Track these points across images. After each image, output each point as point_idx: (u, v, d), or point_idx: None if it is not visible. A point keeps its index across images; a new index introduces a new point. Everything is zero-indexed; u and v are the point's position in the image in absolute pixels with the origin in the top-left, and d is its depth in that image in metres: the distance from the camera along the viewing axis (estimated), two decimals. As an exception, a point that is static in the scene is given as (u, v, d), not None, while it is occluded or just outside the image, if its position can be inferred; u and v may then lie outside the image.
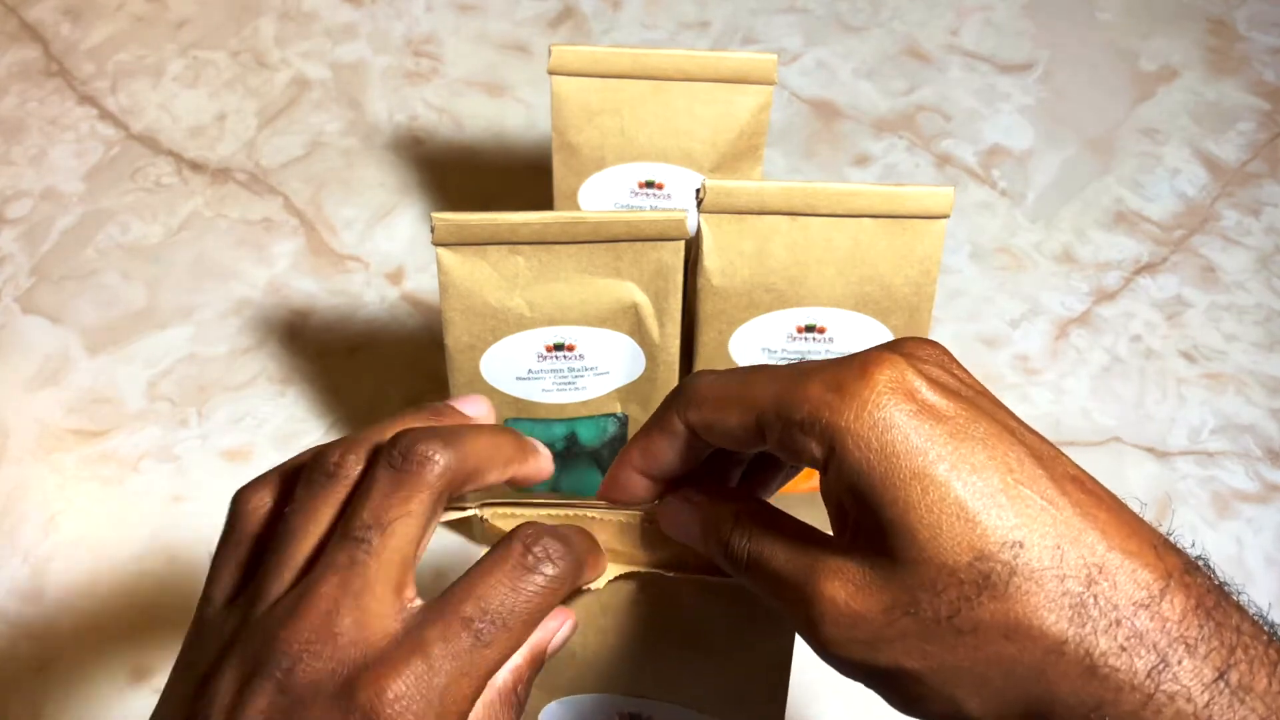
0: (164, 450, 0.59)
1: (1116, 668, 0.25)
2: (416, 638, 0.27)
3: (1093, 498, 0.27)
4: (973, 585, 0.26)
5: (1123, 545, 0.26)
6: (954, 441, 0.26)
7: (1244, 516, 0.58)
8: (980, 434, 0.27)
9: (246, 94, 0.75)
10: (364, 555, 0.27)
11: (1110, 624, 0.25)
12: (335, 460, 0.29)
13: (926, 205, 0.45)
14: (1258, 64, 0.79)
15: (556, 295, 0.46)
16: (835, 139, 0.74)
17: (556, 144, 0.55)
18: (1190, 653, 0.25)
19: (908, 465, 0.26)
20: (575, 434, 0.50)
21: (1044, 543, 0.26)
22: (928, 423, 0.27)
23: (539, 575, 0.28)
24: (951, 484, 0.26)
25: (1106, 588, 0.25)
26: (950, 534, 0.26)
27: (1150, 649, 0.25)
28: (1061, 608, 0.25)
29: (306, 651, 0.26)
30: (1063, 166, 0.73)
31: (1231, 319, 0.66)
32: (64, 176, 0.71)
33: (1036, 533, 0.26)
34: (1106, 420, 0.62)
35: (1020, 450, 0.27)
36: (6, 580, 0.55)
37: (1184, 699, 0.25)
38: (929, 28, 0.80)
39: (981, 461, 0.26)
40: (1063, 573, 0.25)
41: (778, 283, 0.46)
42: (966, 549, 0.26)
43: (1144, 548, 0.26)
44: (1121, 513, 0.27)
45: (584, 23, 0.79)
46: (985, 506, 0.26)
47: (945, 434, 0.27)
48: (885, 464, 0.27)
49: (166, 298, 0.65)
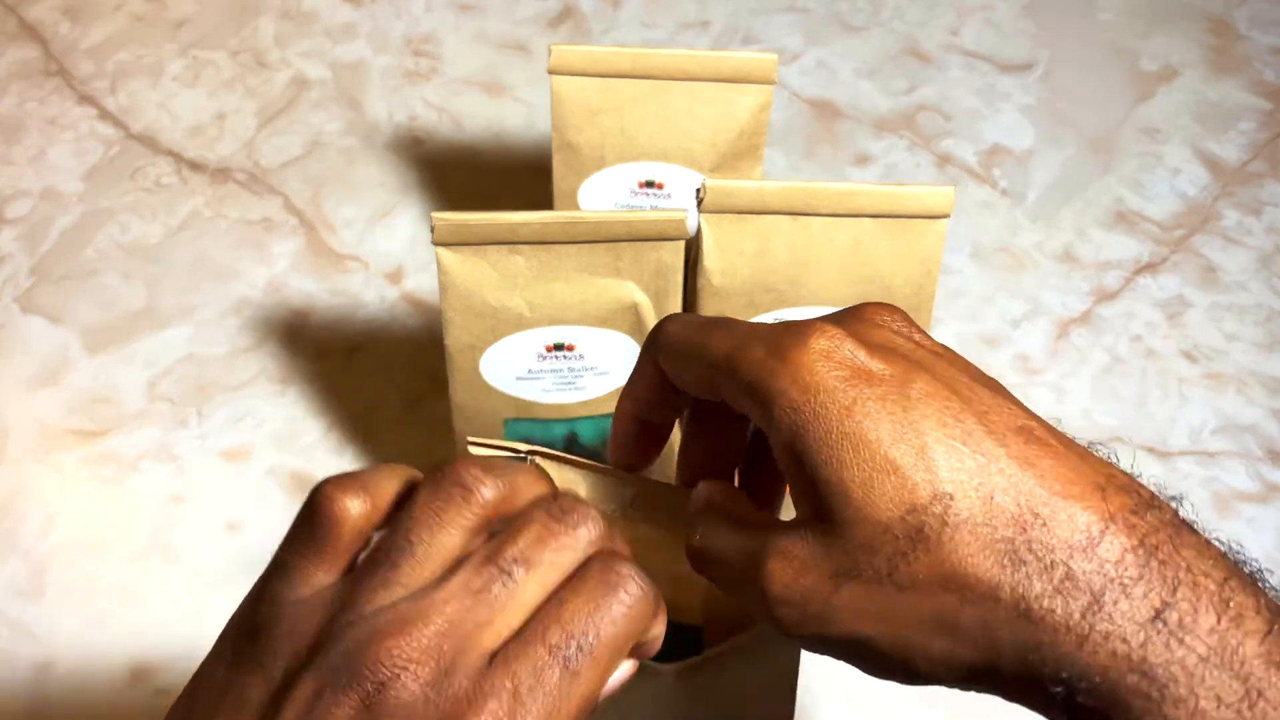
0: (164, 450, 0.59)
1: (1052, 609, 0.25)
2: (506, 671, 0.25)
3: (1039, 445, 0.27)
4: (907, 540, 0.26)
5: (1063, 490, 0.26)
6: (887, 401, 0.27)
7: (1244, 516, 0.58)
8: (916, 392, 0.27)
9: (246, 94, 0.75)
10: (501, 588, 0.25)
11: (1045, 568, 0.25)
12: (474, 478, 0.27)
13: (927, 205, 0.45)
14: (1258, 64, 0.79)
15: (556, 295, 0.46)
16: (835, 139, 0.74)
17: (556, 144, 0.55)
18: (1126, 593, 0.25)
19: (839, 427, 0.27)
20: (575, 434, 0.50)
21: (976, 493, 0.26)
22: (860, 385, 0.27)
23: (625, 595, 0.26)
24: (881, 441, 0.26)
25: (1042, 533, 0.26)
26: (882, 491, 0.26)
27: (1084, 590, 0.25)
28: (995, 555, 0.26)
29: (406, 671, 0.24)
30: (1063, 166, 0.73)
31: (1232, 319, 0.66)
32: (64, 176, 0.71)
33: (968, 484, 0.26)
34: (1107, 420, 0.62)
35: (957, 405, 0.27)
36: (6, 580, 0.55)
37: (1119, 639, 0.25)
38: (929, 28, 0.80)
39: (913, 419, 0.27)
40: (994, 521, 0.26)
41: (778, 283, 0.46)
42: (898, 504, 0.26)
43: (1088, 490, 0.26)
44: (1068, 458, 0.27)
45: (584, 22, 0.79)
46: (915, 462, 0.26)
47: (878, 395, 0.27)
48: (818, 426, 0.27)
49: (166, 298, 0.65)
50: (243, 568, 0.55)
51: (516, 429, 0.49)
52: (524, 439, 0.50)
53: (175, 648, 0.53)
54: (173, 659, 0.53)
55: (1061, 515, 0.26)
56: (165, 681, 0.52)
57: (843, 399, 0.27)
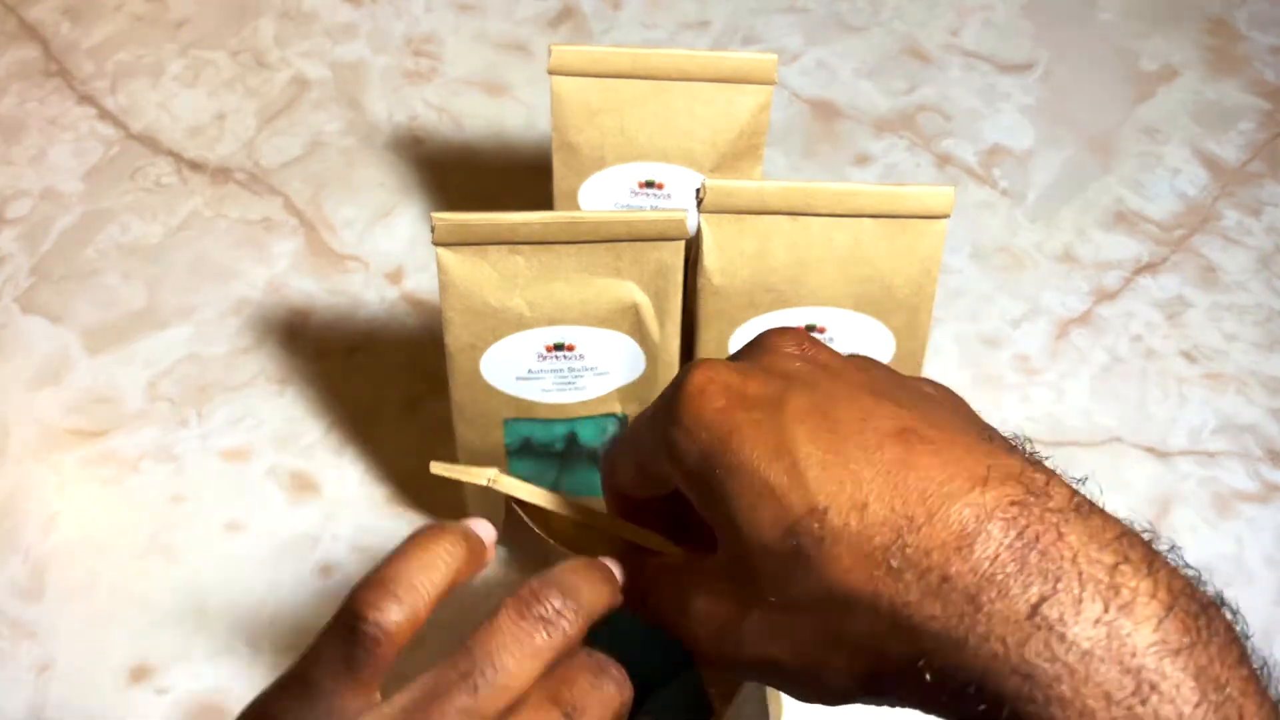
0: (164, 450, 0.59)
1: (931, 615, 0.24)
2: None
3: (920, 444, 0.26)
4: (790, 560, 0.26)
5: (939, 489, 0.25)
6: (761, 425, 0.27)
7: (1244, 516, 0.58)
8: (790, 410, 0.27)
9: (246, 94, 0.75)
10: None
11: (920, 573, 0.24)
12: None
13: (927, 205, 0.45)
14: (1258, 64, 0.79)
15: (556, 295, 0.46)
16: (835, 139, 0.74)
17: (556, 144, 0.55)
18: (1002, 591, 0.24)
19: (721, 460, 0.27)
20: (575, 434, 0.50)
21: (849, 503, 0.25)
22: (736, 412, 0.27)
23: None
24: (758, 466, 0.26)
25: (916, 537, 0.25)
26: (762, 515, 0.26)
27: (959, 592, 0.24)
28: (871, 565, 0.25)
29: None
30: (1063, 166, 0.73)
31: (1232, 319, 0.66)
32: (64, 176, 0.71)
33: (840, 495, 0.25)
34: (1107, 420, 0.62)
35: (831, 416, 0.27)
36: (6, 580, 0.55)
37: (997, 639, 0.23)
38: (929, 28, 0.80)
39: (786, 438, 0.26)
40: (869, 530, 0.25)
41: (778, 283, 0.46)
42: (778, 525, 0.26)
43: (965, 485, 0.25)
44: (950, 451, 0.26)
45: (584, 23, 0.79)
46: (788, 481, 0.26)
47: (753, 420, 0.27)
48: (704, 464, 0.27)
49: (166, 298, 0.65)
50: (243, 568, 0.55)
51: (517, 429, 0.49)
52: (524, 439, 0.50)
53: (175, 648, 0.53)
54: (173, 659, 0.53)
55: (937, 516, 0.25)
56: (165, 681, 0.52)
57: (720, 430, 0.27)
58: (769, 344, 0.30)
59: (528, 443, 0.50)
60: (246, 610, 0.54)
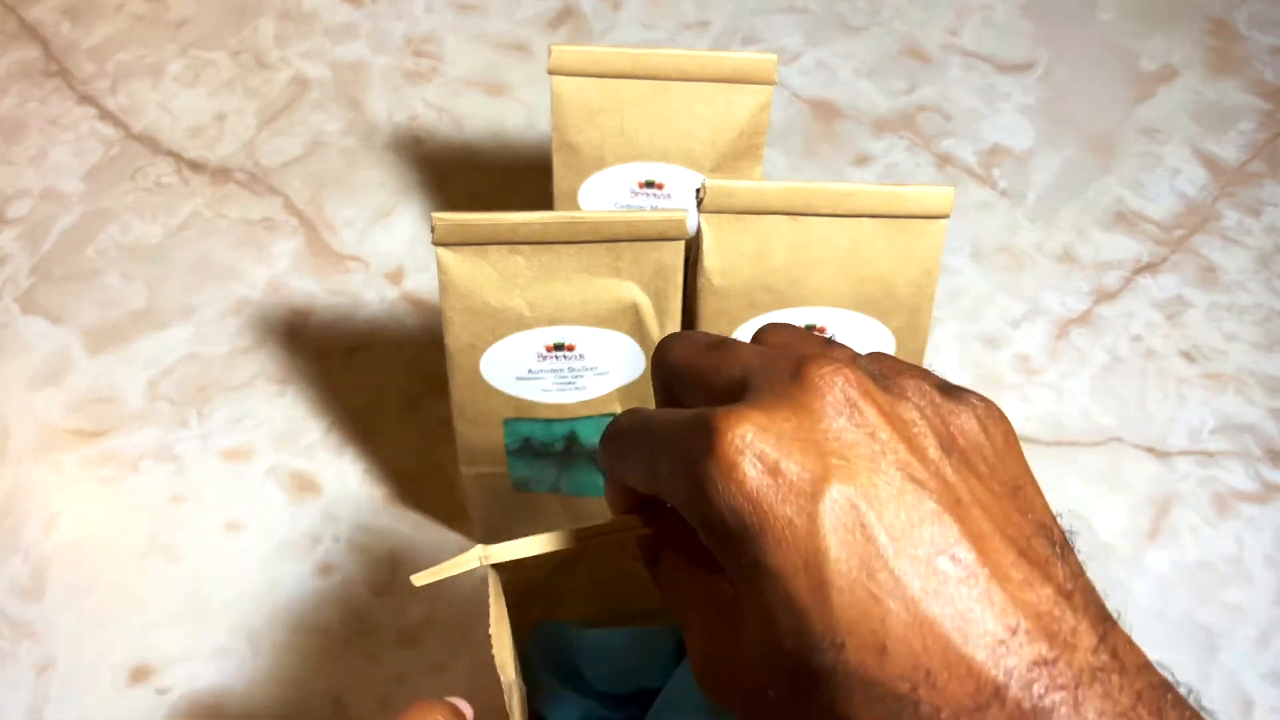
0: (164, 450, 0.59)
1: None
2: None
3: (958, 578, 0.24)
4: (801, 682, 0.25)
5: (962, 643, 0.24)
6: (795, 529, 0.25)
7: (1244, 516, 0.58)
8: (828, 511, 0.25)
9: (246, 94, 0.75)
10: None
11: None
12: None
13: (927, 205, 0.45)
14: (1258, 64, 0.79)
15: (556, 295, 0.46)
16: (835, 139, 0.74)
17: (556, 144, 0.55)
18: None
19: (748, 550, 0.25)
20: (575, 434, 0.50)
21: (868, 643, 0.24)
22: (768, 501, 0.25)
23: None
24: (783, 574, 0.25)
25: (930, 693, 0.24)
26: (782, 623, 0.25)
27: None
28: (881, 711, 0.24)
29: None
30: (1063, 166, 0.73)
31: (1231, 319, 0.66)
32: (64, 176, 0.71)
33: (863, 629, 0.24)
34: (1107, 420, 0.62)
35: (872, 525, 0.25)
36: (6, 580, 0.55)
37: None
38: (929, 28, 0.80)
39: (819, 551, 0.24)
40: (885, 674, 0.24)
41: (778, 283, 0.46)
42: (794, 639, 0.25)
43: (993, 639, 0.24)
44: (985, 595, 0.24)
45: (584, 23, 0.79)
46: (812, 601, 0.24)
47: (784, 517, 0.25)
48: (730, 546, 0.26)
49: (166, 298, 0.65)
50: (243, 568, 0.55)
51: (517, 429, 0.50)
52: (524, 439, 0.50)
53: (175, 648, 0.53)
54: (173, 659, 0.53)
55: (954, 673, 0.23)
56: (165, 681, 0.52)
57: (750, 519, 0.25)
58: (808, 378, 0.26)
59: (528, 443, 0.50)
60: (246, 610, 0.54)
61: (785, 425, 0.26)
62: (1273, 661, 0.54)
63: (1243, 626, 0.55)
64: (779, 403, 0.26)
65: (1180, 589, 0.56)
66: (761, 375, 0.27)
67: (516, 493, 0.53)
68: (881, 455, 0.26)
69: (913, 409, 0.27)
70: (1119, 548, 0.57)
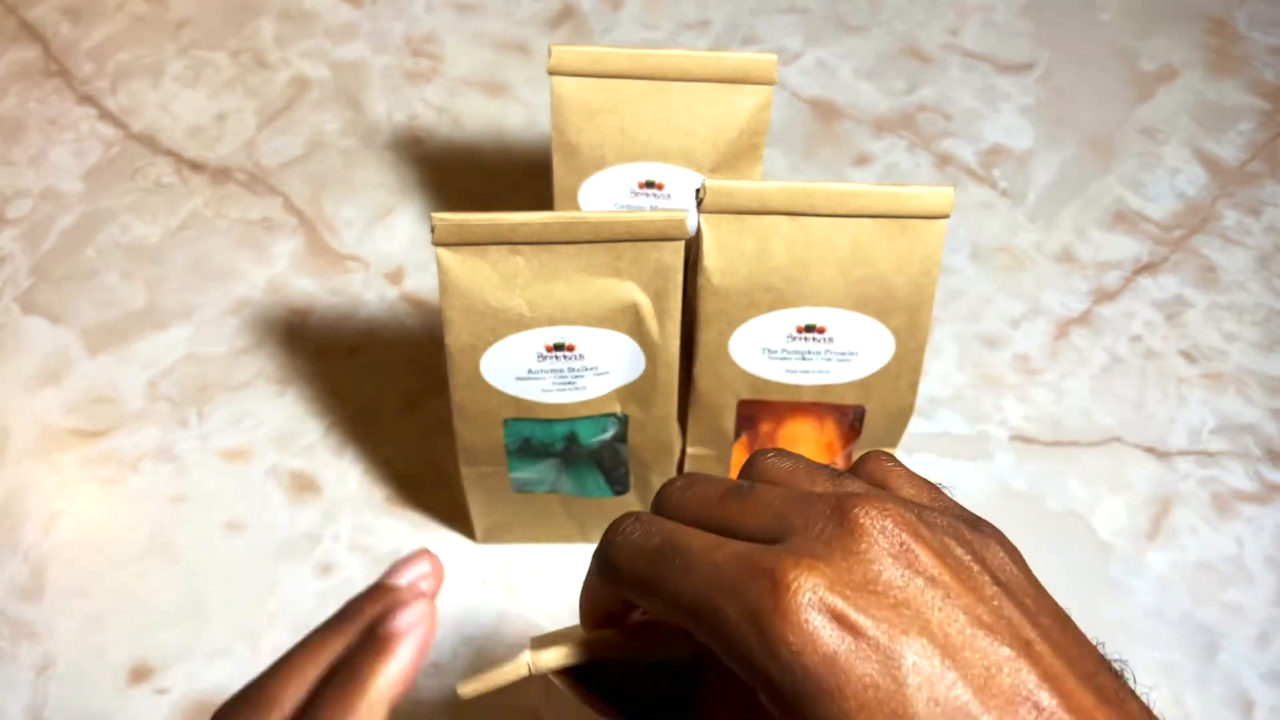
0: (164, 450, 0.59)
1: None
2: None
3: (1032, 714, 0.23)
4: None
5: None
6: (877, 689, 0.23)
7: (1244, 516, 0.58)
8: (910, 671, 0.24)
9: (246, 94, 0.75)
10: None
11: None
12: None
13: (927, 205, 0.45)
14: (1258, 64, 0.79)
15: (556, 295, 0.46)
16: (835, 139, 0.74)
17: (556, 144, 0.55)
18: None
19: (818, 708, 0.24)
20: (575, 434, 0.50)
21: None
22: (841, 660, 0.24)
23: None
24: None
25: None
26: None
27: None
28: None
29: None
30: (1063, 166, 0.73)
31: (1231, 319, 0.66)
32: (64, 176, 0.71)
33: None
34: (1107, 420, 0.62)
35: (952, 680, 0.24)
36: (6, 580, 0.55)
37: None
38: (929, 28, 0.80)
39: (905, 709, 0.23)
40: None
41: (778, 283, 0.46)
42: None
43: None
44: None
45: (584, 23, 0.79)
46: None
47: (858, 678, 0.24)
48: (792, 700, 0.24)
49: (166, 298, 0.65)
50: (243, 568, 0.55)
51: (517, 429, 0.50)
52: (524, 439, 0.50)
53: (175, 648, 0.53)
54: (173, 659, 0.53)
55: None
56: (165, 681, 0.52)
57: (828, 682, 0.24)
58: (855, 522, 0.25)
59: (528, 443, 0.50)
60: (246, 610, 0.54)
61: (849, 576, 0.24)
62: (1273, 661, 0.54)
63: (1243, 626, 0.55)
64: (831, 550, 0.25)
65: (1180, 589, 0.56)
66: (799, 520, 0.26)
67: (516, 493, 0.53)
68: (945, 600, 0.25)
69: (957, 545, 0.26)
70: (1119, 548, 0.57)
